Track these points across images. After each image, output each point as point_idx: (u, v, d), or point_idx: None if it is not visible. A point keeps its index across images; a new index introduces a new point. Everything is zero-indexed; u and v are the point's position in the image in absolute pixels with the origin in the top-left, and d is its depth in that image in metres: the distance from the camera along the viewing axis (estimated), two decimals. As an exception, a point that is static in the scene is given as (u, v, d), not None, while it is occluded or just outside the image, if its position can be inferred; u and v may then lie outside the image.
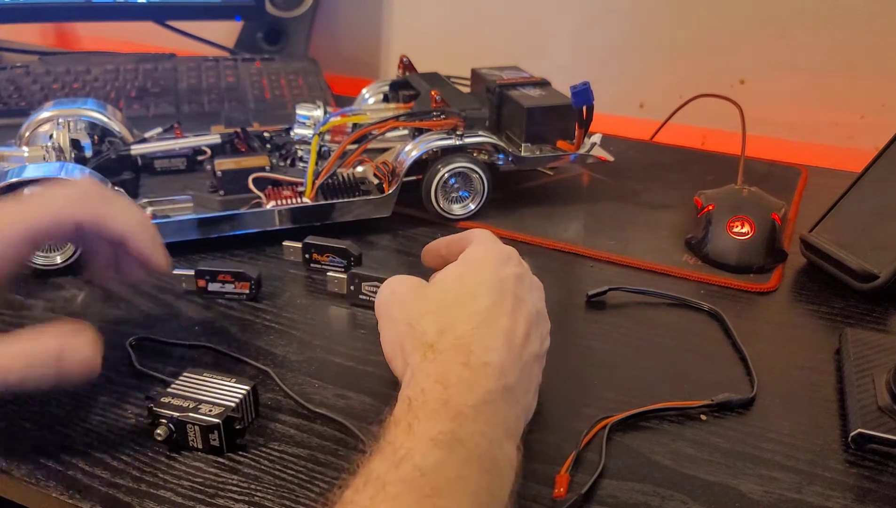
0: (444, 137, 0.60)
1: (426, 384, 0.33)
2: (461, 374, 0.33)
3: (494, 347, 0.35)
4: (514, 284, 0.38)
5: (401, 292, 0.40)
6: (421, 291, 0.39)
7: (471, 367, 0.33)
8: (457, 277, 0.39)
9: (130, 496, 0.35)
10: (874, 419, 0.39)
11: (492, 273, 0.38)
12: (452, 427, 0.30)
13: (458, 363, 0.33)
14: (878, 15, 0.77)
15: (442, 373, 0.33)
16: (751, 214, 0.57)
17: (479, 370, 0.33)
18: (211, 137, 0.63)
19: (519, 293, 0.38)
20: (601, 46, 0.91)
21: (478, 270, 0.39)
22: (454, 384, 0.32)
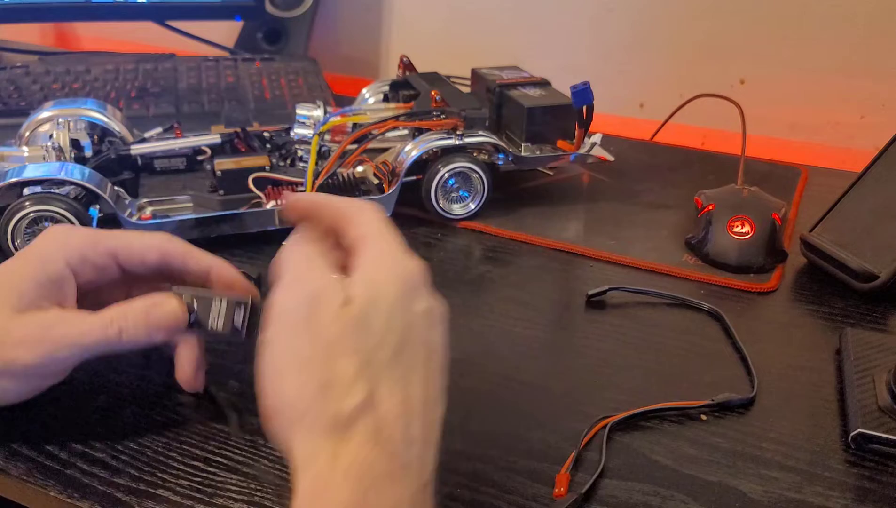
0: (444, 136, 0.60)
1: (338, 496, 0.26)
2: (382, 489, 0.27)
3: (414, 437, 0.29)
4: (424, 326, 0.31)
5: (320, 318, 0.29)
6: (344, 325, 0.29)
7: (394, 477, 0.27)
8: (385, 317, 0.30)
9: (129, 495, 0.35)
10: (874, 419, 0.39)
11: (407, 314, 0.31)
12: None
13: (377, 474, 0.27)
14: (878, 15, 0.77)
15: (359, 487, 0.27)
16: (751, 214, 0.57)
17: (401, 479, 0.28)
18: (211, 137, 0.63)
19: (430, 337, 0.31)
20: (601, 46, 0.91)
21: (400, 308, 0.30)
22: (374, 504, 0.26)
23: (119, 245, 0.39)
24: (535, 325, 0.49)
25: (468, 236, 0.60)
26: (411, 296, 0.31)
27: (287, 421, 0.29)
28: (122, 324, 0.36)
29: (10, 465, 0.37)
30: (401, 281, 0.31)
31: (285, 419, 0.29)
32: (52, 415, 0.40)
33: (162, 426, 0.39)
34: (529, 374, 0.44)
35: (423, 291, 0.32)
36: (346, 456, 0.27)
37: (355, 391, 0.28)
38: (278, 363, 0.29)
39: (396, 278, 0.31)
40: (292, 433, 0.28)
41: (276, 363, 0.30)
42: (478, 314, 0.50)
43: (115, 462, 0.37)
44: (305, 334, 0.29)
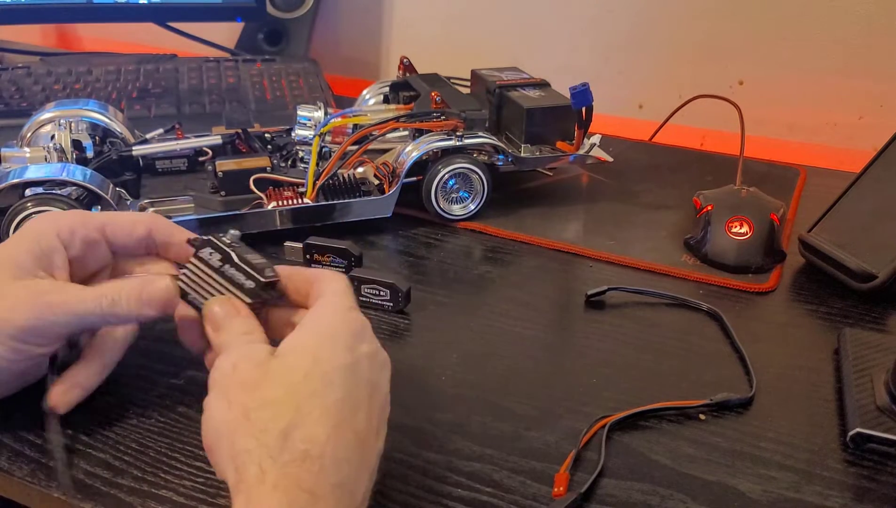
0: (444, 137, 0.60)
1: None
2: (310, 503, 0.28)
3: (346, 458, 0.30)
4: (369, 366, 0.33)
5: (243, 367, 0.32)
6: (266, 368, 0.32)
7: (318, 495, 0.28)
8: (310, 355, 0.32)
9: (132, 496, 0.35)
10: (873, 419, 0.40)
11: (348, 352, 0.33)
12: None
13: (305, 489, 0.28)
14: (877, 16, 0.77)
15: (285, 499, 0.28)
16: (749, 214, 0.57)
17: (328, 497, 0.29)
18: (212, 138, 0.63)
19: (372, 377, 0.33)
20: (601, 47, 0.92)
21: (333, 346, 0.33)
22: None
23: (107, 220, 0.40)
24: (535, 325, 0.49)
25: (468, 237, 0.61)
26: (354, 340, 0.33)
27: (219, 450, 0.31)
28: (115, 296, 0.36)
29: (13, 466, 0.37)
30: (338, 329, 0.34)
31: (218, 449, 0.31)
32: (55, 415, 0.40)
33: (165, 426, 0.40)
34: (529, 374, 0.45)
35: (367, 337, 0.34)
36: (273, 472, 0.28)
37: (279, 415, 0.30)
38: (211, 411, 0.32)
39: (334, 326, 0.34)
40: (223, 459, 0.30)
41: (209, 412, 0.32)
42: (478, 314, 0.50)
43: (117, 462, 0.37)
44: (232, 384, 0.32)
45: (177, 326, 0.38)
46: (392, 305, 0.50)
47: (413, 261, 0.57)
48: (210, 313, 0.36)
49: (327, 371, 0.32)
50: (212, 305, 0.36)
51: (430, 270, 0.56)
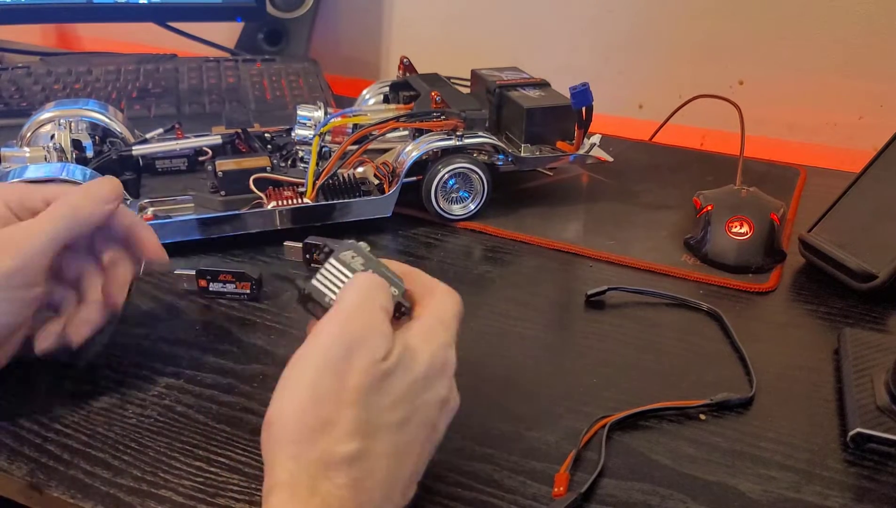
0: (444, 137, 0.60)
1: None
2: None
3: (394, 500, 0.31)
4: (440, 410, 0.33)
5: (353, 364, 0.30)
6: (371, 379, 0.30)
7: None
8: (406, 384, 0.31)
9: (132, 495, 0.35)
10: (873, 419, 0.40)
11: (429, 392, 0.32)
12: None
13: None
14: (877, 16, 0.77)
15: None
16: (750, 214, 0.57)
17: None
18: (212, 138, 0.63)
19: (438, 423, 0.33)
20: (601, 47, 0.92)
21: (423, 384, 0.32)
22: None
23: (48, 190, 0.41)
24: (535, 325, 0.49)
25: (468, 237, 0.61)
26: (436, 380, 0.33)
27: (280, 437, 0.29)
28: (68, 200, 0.39)
29: (13, 466, 0.37)
30: (434, 362, 0.32)
31: (280, 434, 0.30)
32: (55, 416, 0.40)
33: (164, 426, 0.40)
34: (529, 374, 0.45)
35: (447, 381, 0.33)
36: (322, 492, 0.28)
37: (352, 440, 0.29)
38: (298, 382, 0.30)
39: (432, 357, 0.32)
40: (279, 450, 0.29)
41: (297, 381, 0.30)
42: (478, 314, 0.50)
43: (117, 462, 0.37)
44: (334, 370, 0.30)
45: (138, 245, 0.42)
46: None
47: (413, 261, 0.57)
48: None
49: (410, 410, 0.31)
50: None
51: (431, 270, 0.55)
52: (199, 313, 0.49)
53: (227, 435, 0.39)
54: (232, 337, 0.47)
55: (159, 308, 0.50)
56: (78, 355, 0.42)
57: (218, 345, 0.46)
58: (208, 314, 0.49)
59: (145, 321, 0.48)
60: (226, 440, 0.39)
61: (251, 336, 0.47)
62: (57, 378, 0.43)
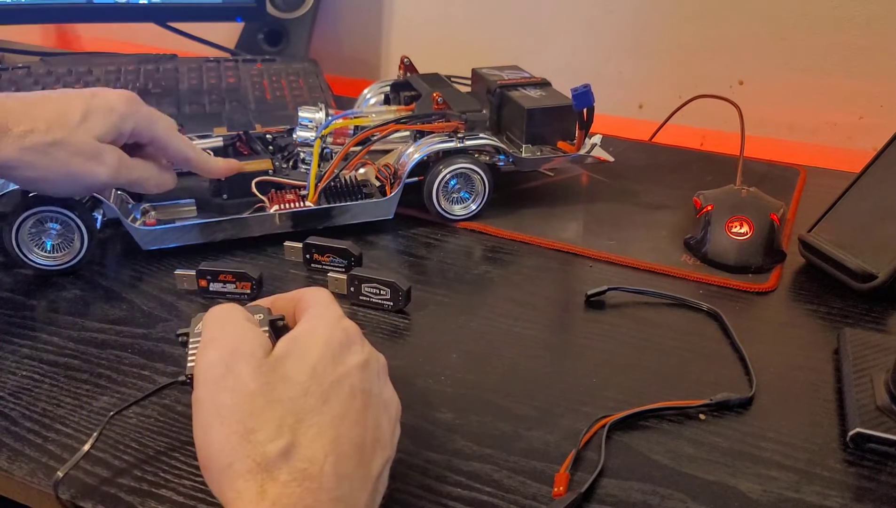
0: (445, 139, 0.60)
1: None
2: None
3: (346, 473, 0.30)
4: (360, 376, 0.33)
5: (239, 371, 0.31)
6: (265, 377, 0.31)
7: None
8: (308, 370, 0.32)
9: (132, 495, 0.35)
10: (873, 419, 0.40)
11: (340, 366, 0.32)
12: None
13: (310, 506, 0.28)
14: (877, 16, 0.77)
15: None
16: (749, 214, 0.57)
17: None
18: (213, 140, 0.63)
19: (367, 387, 0.33)
20: (601, 47, 0.92)
21: (330, 361, 0.32)
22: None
23: None
24: (535, 325, 0.49)
25: (469, 237, 0.61)
26: (343, 351, 0.33)
27: (216, 471, 0.30)
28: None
29: (13, 466, 0.37)
30: (329, 338, 0.33)
31: (215, 469, 0.30)
32: (55, 416, 0.40)
33: (164, 426, 0.40)
34: (529, 374, 0.45)
35: (357, 347, 0.34)
36: (272, 492, 0.28)
37: (279, 436, 0.29)
38: (205, 417, 0.31)
39: (325, 336, 0.33)
40: (221, 481, 0.30)
41: (203, 417, 0.31)
42: (478, 314, 0.50)
43: (117, 461, 0.37)
44: (226, 387, 0.31)
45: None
46: (392, 304, 0.50)
47: (413, 261, 0.57)
48: None
49: (324, 388, 0.31)
50: None
51: (431, 270, 0.56)
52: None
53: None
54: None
55: (159, 308, 0.50)
56: None
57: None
58: (209, 315, 0.49)
59: (145, 321, 0.48)
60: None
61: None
62: (56, 378, 0.43)
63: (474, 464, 0.38)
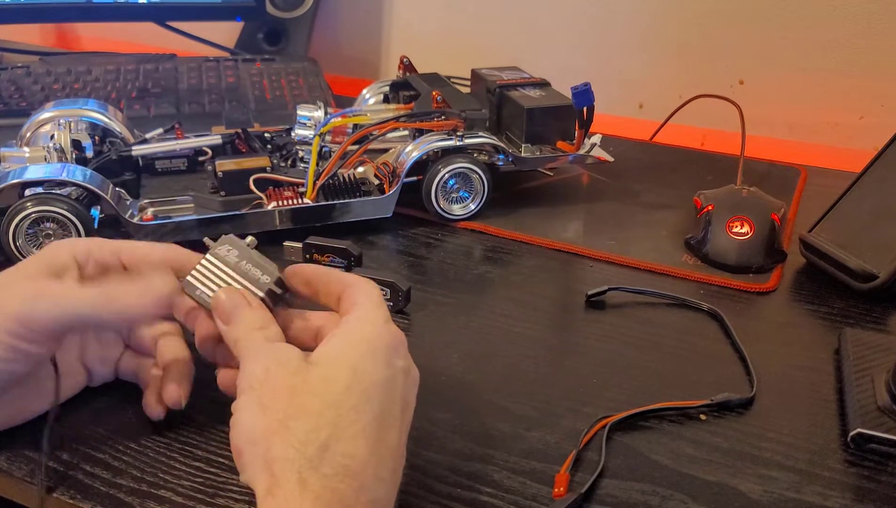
0: (444, 137, 0.60)
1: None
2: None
3: (384, 476, 0.30)
4: (403, 382, 0.33)
5: (277, 373, 0.31)
6: (304, 376, 0.31)
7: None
8: (350, 368, 0.31)
9: (131, 496, 0.35)
10: (873, 419, 0.40)
11: (385, 368, 0.32)
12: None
13: (344, 505, 0.28)
14: (878, 15, 0.77)
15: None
16: (750, 214, 0.57)
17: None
18: (212, 138, 0.63)
19: (406, 396, 0.33)
20: (601, 46, 0.91)
21: (373, 360, 0.32)
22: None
23: (123, 246, 0.39)
24: (535, 325, 0.49)
25: (468, 237, 0.61)
26: (389, 354, 0.33)
27: (251, 455, 0.30)
28: (112, 292, 0.36)
29: (12, 467, 0.37)
30: (373, 339, 0.33)
31: (249, 453, 0.30)
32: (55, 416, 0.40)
33: (163, 426, 0.40)
34: (529, 374, 0.45)
35: (402, 352, 0.34)
36: (313, 482, 0.28)
37: (318, 427, 0.29)
38: (242, 414, 0.31)
39: (369, 336, 0.33)
40: (255, 465, 0.29)
41: (240, 415, 0.31)
42: (478, 314, 0.50)
43: (116, 462, 0.37)
44: (266, 390, 0.31)
45: (194, 337, 0.38)
46: (392, 304, 0.50)
47: (413, 261, 0.57)
48: (218, 303, 0.35)
49: (367, 386, 0.31)
50: (219, 294, 0.35)
51: (430, 270, 0.56)
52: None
53: (226, 435, 0.39)
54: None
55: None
56: None
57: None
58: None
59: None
60: (225, 440, 0.39)
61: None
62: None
63: (474, 464, 0.38)
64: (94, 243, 0.39)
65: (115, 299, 0.35)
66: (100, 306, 0.35)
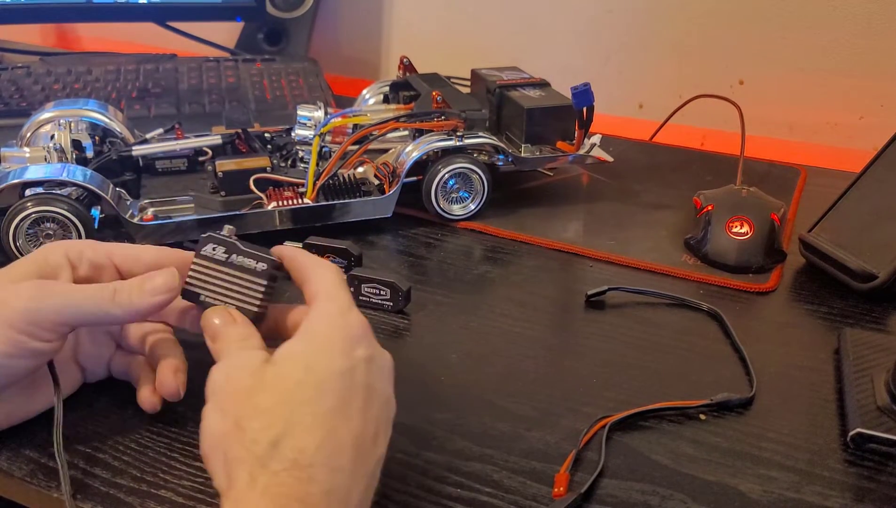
0: (444, 138, 0.60)
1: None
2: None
3: (340, 466, 0.30)
4: (365, 370, 0.33)
5: (236, 377, 0.32)
6: (260, 376, 0.32)
7: (308, 503, 0.28)
8: (303, 364, 0.32)
9: (131, 496, 0.35)
10: (873, 419, 0.40)
11: (342, 358, 0.32)
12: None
13: (294, 497, 0.28)
14: (878, 15, 0.77)
15: (274, 506, 0.28)
16: (750, 214, 0.57)
17: (319, 505, 0.29)
18: (212, 138, 0.63)
19: (370, 382, 0.33)
20: (601, 46, 0.92)
21: (328, 353, 0.32)
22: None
23: (115, 248, 0.40)
24: (535, 325, 0.49)
25: (468, 237, 0.61)
26: (349, 345, 0.33)
27: (214, 461, 0.31)
28: (118, 287, 0.36)
29: (13, 466, 0.37)
30: (333, 334, 0.33)
31: (213, 458, 0.31)
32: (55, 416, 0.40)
33: (164, 426, 0.40)
34: (529, 374, 0.45)
35: (365, 341, 0.34)
36: (262, 479, 0.29)
37: (270, 426, 0.30)
38: (207, 421, 0.32)
39: (328, 332, 0.33)
40: (217, 470, 0.31)
41: (205, 422, 0.32)
42: (478, 314, 0.50)
43: (116, 462, 0.37)
44: (226, 394, 0.32)
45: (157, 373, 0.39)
46: (392, 304, 0.50)
47: (413, 261, 0.57)
48: (208, 323, 0.36)
49: (321, 379, 0.31)
50: (210, 316, 0.36)
51: (430, 270, 0.56)
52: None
53: (226, 436, 0.39)
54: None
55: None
56: None
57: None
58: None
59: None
60: (226, 440, 0.39)
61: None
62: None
63: (474, 465, 0.38)
64: (86, 244, 0.39)
65: (119, 294, 0.36)
66: (105, 302, 0.36)
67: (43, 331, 0.35)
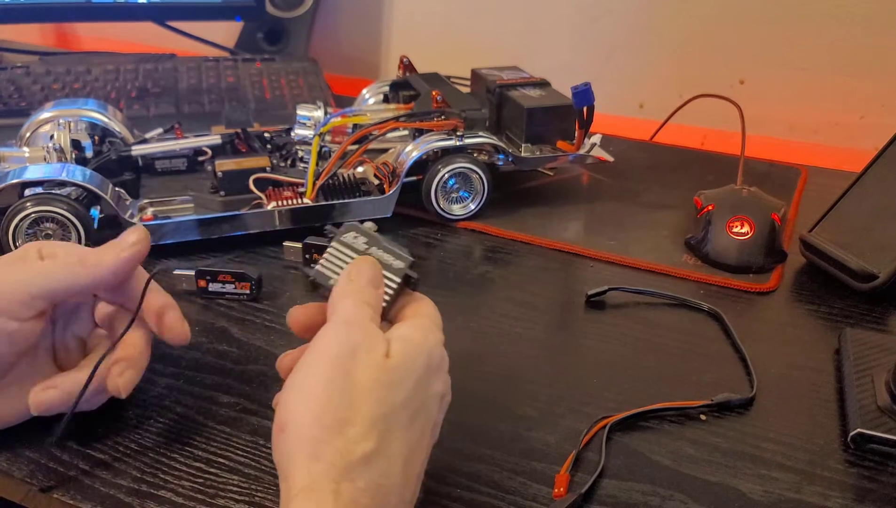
0: (444, 137, 0.60)
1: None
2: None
3: (406, 500, 0.30)
4: (439, 405, 0.33)
5: (365, 360, 0.30)
6: (377, 374, 0.30)
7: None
8: (413, 380, 0.31)
9: (131, 496, 0.35)
10: (874, 419, 0.39)
11: (428, 387, 0.32)
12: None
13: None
14: (878, 15, 0.77)
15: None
16: (750, 214, 0.57)
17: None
18: (211, 138, 0.63)
19: (439, 419, 0.33)
20: (601, 46, 0.91)
21: (424, 384, 0.32)
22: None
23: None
24: (535, 325, 0.49)
25: (468, 237, 0.61)
26: (433, 375, 0.33)
27: (296, 439, 0.29)
28: (82, 253, 0.37)
29: (13, 467, 0.37)
30: (431, 358, 0.33)
31: (296, 436, 0.29)
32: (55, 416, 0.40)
33: (163, 427, 0.40)
34: (529, 374, 0.45)
35: (443, 375, 0.34)
36: (346, 496, 0.28)
37: (369, 439, 0.29)
38: (309, 383, 0.30)
39: (429, 353, 0.33)
40: (297, 452, 0.29)
41: (307, 383, 0.30)
42: (478, 314, 0.50)
43: (116, 463, 0.37)
44: (344, 369, 0.30)
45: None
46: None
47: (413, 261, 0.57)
48: (358, 263, 0.35)
49: (416, 405, 0.31)
50: (362, 262, 0.35)
51: (430, 270, 0.56)
52: (199, 313, 0.49)
53: (226, 436, 0.39)
54: (231, 338, 0.47)
55: (159, 308, 0.50)
56: None
57: (217, 346, 0.46)
58: (208, 315, 0.49)
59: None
60: (225, 440, 0.39)
61: (251, 337, 0.47)
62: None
63: (474, 465, 0.38)
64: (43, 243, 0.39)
65: (85, 259, 0.37)
66: (76, 270, 0.36)
67: (18, 307, 0.35)
